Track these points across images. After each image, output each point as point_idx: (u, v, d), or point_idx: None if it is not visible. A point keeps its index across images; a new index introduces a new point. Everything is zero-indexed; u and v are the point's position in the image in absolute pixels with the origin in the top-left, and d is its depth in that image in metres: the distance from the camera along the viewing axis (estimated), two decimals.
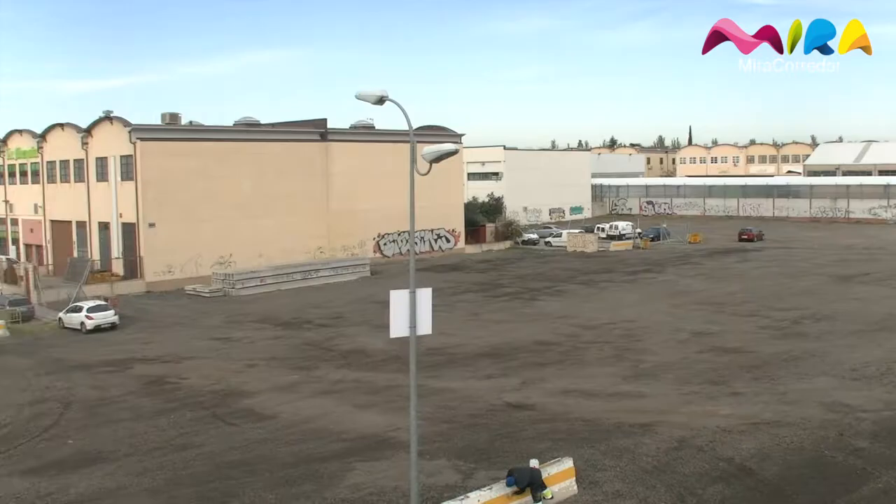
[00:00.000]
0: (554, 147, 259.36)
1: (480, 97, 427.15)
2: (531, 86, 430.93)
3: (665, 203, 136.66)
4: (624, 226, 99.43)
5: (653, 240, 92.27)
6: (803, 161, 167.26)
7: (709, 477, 23.36)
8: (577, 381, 34.88)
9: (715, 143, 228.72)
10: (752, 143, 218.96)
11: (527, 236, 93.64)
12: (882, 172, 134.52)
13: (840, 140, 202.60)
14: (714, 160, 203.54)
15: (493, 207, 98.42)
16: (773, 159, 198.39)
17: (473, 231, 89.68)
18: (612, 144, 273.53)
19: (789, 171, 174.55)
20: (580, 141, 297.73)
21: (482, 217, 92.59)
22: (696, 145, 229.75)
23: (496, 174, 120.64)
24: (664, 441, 26.22)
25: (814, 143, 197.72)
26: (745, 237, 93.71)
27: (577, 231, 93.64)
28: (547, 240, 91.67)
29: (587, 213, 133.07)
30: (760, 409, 29.93)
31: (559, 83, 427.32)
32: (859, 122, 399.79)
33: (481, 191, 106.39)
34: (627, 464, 24.32)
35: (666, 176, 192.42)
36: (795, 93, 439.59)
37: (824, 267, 70.18)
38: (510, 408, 31.12)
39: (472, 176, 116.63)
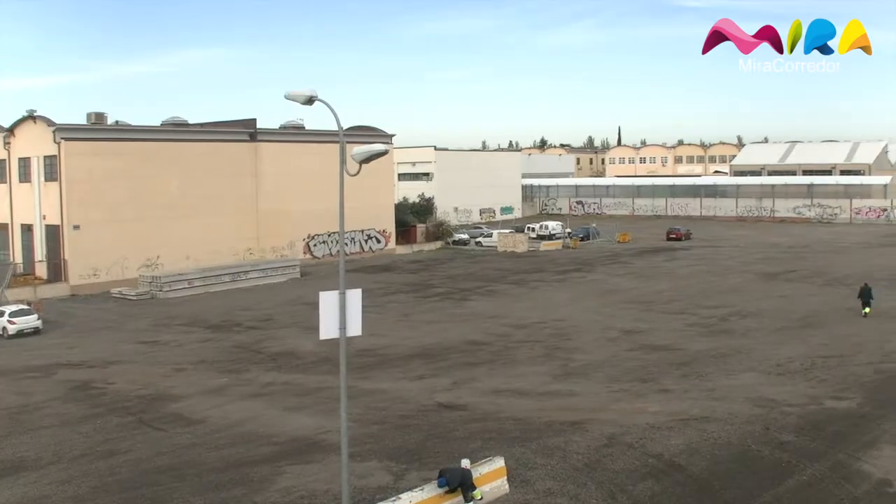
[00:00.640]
0: (485, 147, 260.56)
1: (411, 98, 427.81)
2: (462, 86, 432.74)
3: (594, 203, 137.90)
4: (554, 226, 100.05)
5: (582, 239, 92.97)
6: (730, 161, 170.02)
7: (639, 473, 23.63)
8: (508, 380, 35.01)
9: (644, 143, 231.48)
10: (681, 143, 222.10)
11: (457, 236, 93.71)
12: (806, 172, 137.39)
13: (765, 141, 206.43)
14: (643, 160, 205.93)
15: (424, 208, 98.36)
16: (701, 159, 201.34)
17: (404, 232, 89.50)
18: (543, 145, 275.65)
19: (716, 171, 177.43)
20: (511, 141, 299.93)
21: (413, 217, 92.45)
22: (625, 146, 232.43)
23: (427, 175, 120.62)
24: (594, 439, 26.47)
25: (740, 144, 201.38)
26: (674, 236, 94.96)
27: (507, 231, 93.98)
28: (478, 240, 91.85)
29: (518, 214, 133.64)
30: (689, 405, 30.37)
31: (490, 84, 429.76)
32: (783, 122, 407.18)
33: (412, 191, 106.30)
34: (558, 462, 24.49)
35: (595, 176, 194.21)
36: (723, 93, 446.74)
37: (750, 265, 71.38)
38: (441, 408, 31.11)
39: (403, 176, 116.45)
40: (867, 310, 47.01)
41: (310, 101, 19.02)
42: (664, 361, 37.58)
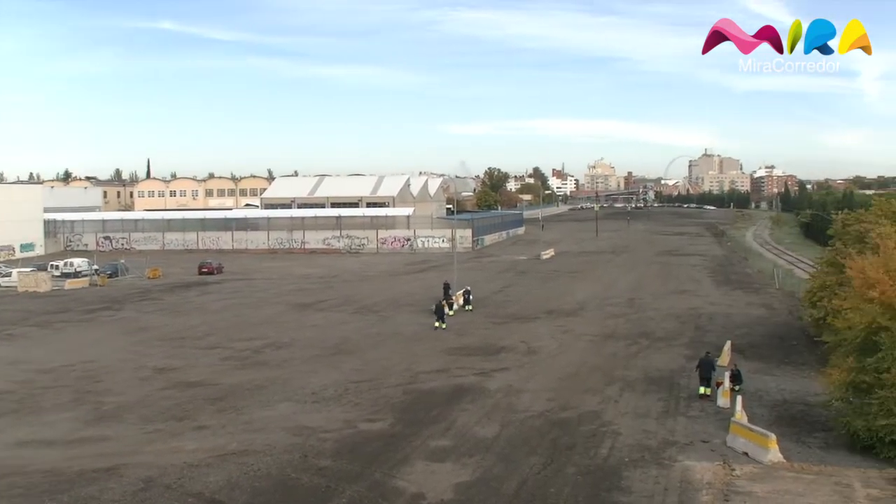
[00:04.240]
0: (2, 180, 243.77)
1: None
2: None
3: (123, 238, 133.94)
4: (80, 263, 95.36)
5: (110, 276, 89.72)
6: (261, 194, 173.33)
7: None
8: (34, 430, 32.80)
9: (174, 176, 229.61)
10: (212, 176, 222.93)
11: None
12: (335, 205, 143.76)
13: (295, 174, 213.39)
14: (173, 194, 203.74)
15: None
16: (232, 192, 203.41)
17: None
18: (67, 178, 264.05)
19: (248, 205, 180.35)
20: (31, 173, 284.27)
21: None
22: (154, 178, 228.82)
23: None
24: (131, 483, 25.67)
25: (271, 177, 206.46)
26: (206, 270, 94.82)
27: (28, 270, 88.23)
28: None
29: (40, 251, 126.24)
30: (227, 440, 30.39)
31: (7, 111, 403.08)
32: (313, 155, 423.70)
33: None
34: None
35: (124, 210, 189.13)
36: (253, 127, 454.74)
37: (283, 296, 73.10)
38: None
39: None
40: (443, 325, 53.98)
41: None
42: (199, 397, 37.29)
